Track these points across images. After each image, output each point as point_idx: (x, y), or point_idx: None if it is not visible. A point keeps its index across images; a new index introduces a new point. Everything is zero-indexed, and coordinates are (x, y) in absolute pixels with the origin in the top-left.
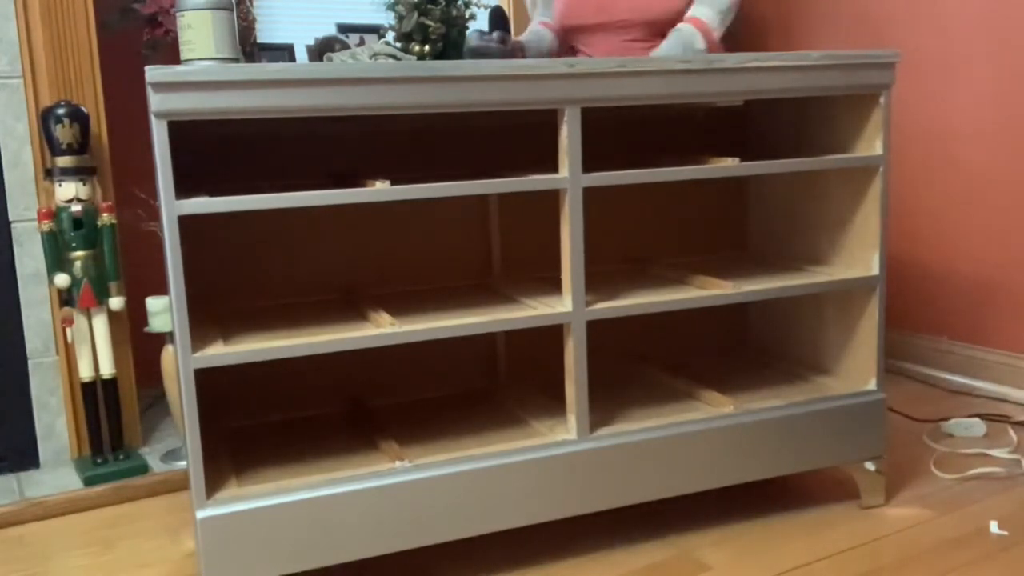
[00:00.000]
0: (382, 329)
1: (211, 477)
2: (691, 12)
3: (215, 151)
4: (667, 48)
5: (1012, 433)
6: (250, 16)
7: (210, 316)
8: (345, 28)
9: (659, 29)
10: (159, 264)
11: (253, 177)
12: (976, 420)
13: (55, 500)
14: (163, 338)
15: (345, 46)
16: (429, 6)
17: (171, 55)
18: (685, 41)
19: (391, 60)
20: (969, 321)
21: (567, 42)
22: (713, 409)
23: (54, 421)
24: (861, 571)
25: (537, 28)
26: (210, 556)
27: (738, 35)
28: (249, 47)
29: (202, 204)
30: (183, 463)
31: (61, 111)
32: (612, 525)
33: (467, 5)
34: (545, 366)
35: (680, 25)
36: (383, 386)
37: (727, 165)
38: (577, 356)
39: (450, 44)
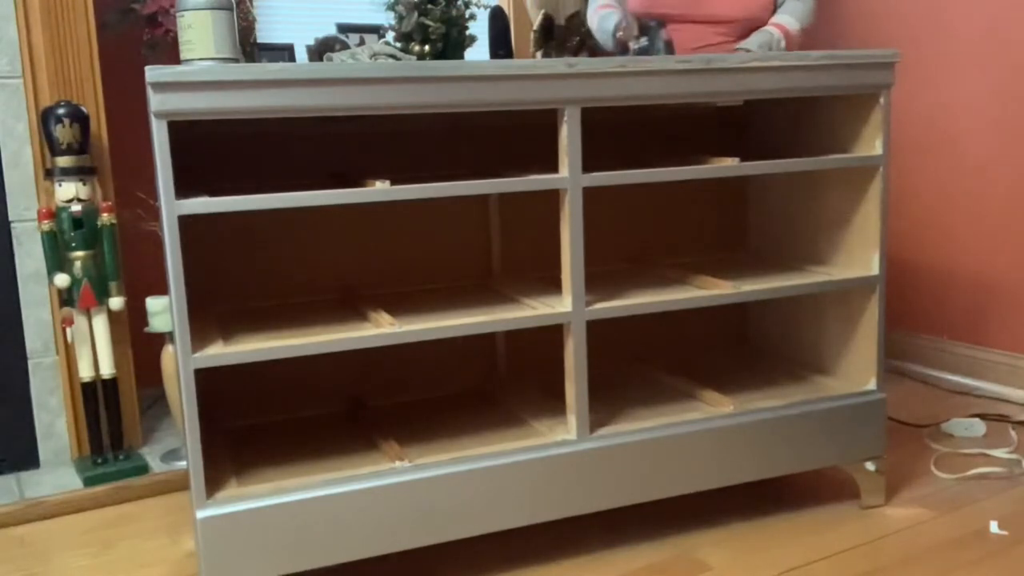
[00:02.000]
0: (382, 329)
1: (211, 477)
2: (777, 19)
3: (215, 151)
4: (753, 42)
5: (1012, 433)
6: (250, 16)
7: (210, 316)
8: (345, 28)
9: (752, 26)
10: (159, 264)
11: (253, 177)
12: (976, 420)
13: (55, 500)
14: (163, 338)
15: (345, 46)
16: (429, 6)
17: (171, 55)
18: (773, 41)
19: (391, 60)
20: (969, 321)
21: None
22: (713, 409)
23: (54, 421)
24: (861, 571)
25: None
26: (210, 556)
27: None
28: (249, 47)
29: (202, 204)
30: (183, 463)
31: (61, 111)
32: (612, 525)
33: (467, 5)
34: (545, 366)
35: (768, 27)
36: (383, 386)
37: (727, 165)
38: (577, 356)
39: (450, 44)
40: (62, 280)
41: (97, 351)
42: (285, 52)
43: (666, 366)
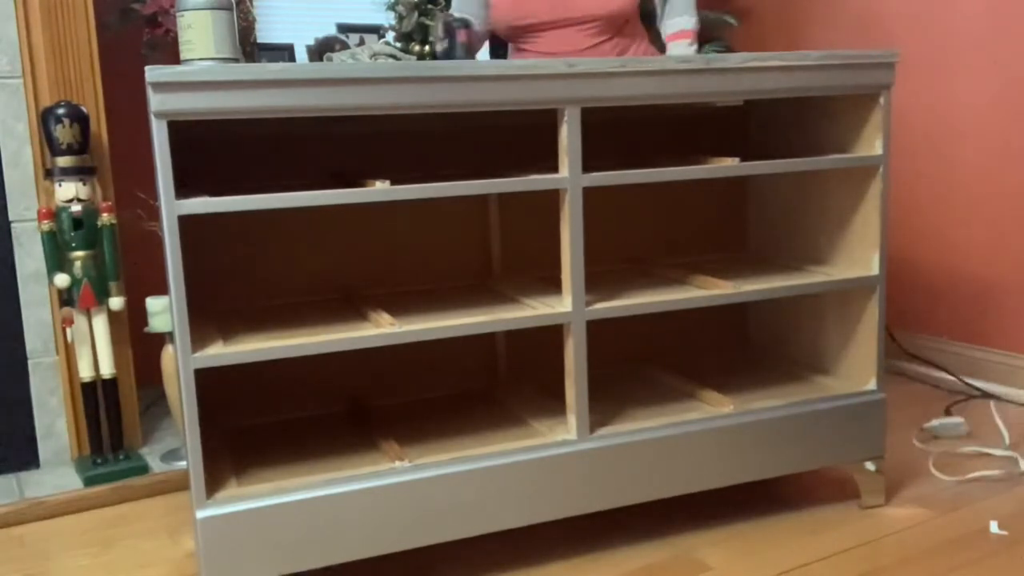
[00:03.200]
0: (382, 329)
1: (211, 477)
2: (679, 26)
3: (215, 151)
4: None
5: (1012, 433)
6: (250, 16)
7: (210, 316)
8: (345, 28)
9: (618, 22)
10: (159, 264)
11: (253, 177)
12: (959, 420)
13: (55, 500)
14: (163, 338)
15: (345, 46)
16: (429, 6)
17: (171, 55)
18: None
19: (391, 60)
20: (969, 321)
21: (511, 41)
22: (713, 409)
23: (54, 421)
24: (861, 571)
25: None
26: (210, 556)
27: (738, 34)
28: (249, 47)
29: (202, 204)
30: (183, 463)
31: (61, 111)
32: (612, 525)
33: None
34: (545, 366)
35: (676, 42)
36: (383, 386)
37: (727, 165)
38: (577, 356)
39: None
40: (62, 280)
41: (97, 351)
42: (285, 52)
43: (666, 366)
